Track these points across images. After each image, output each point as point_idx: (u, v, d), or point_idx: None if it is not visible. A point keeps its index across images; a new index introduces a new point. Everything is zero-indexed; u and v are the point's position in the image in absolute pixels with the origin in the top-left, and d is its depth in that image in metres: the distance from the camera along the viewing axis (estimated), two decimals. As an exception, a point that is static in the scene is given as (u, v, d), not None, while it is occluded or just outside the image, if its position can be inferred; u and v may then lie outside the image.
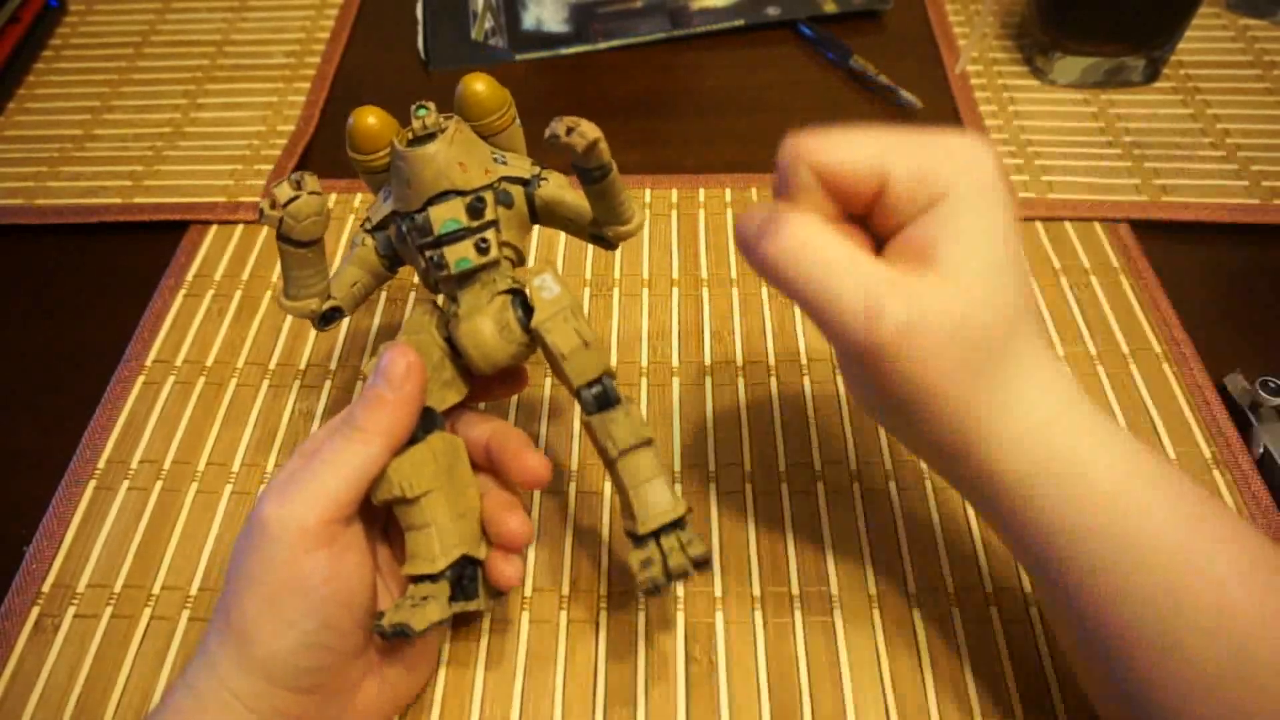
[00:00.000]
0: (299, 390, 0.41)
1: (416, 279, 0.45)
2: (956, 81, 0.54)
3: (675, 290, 0.44)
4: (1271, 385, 0.38)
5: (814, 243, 0.25)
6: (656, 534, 0.28)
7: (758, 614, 0.34)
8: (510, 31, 0.59)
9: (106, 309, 0.44)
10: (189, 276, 0.46)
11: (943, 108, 0.53)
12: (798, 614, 0.33)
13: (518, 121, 0.32)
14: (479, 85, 0.31)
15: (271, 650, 0.26)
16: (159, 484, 0.38)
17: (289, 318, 0.44)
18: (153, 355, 0.42)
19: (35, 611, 0.34)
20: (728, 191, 0.49)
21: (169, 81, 0.56)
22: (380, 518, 0.32)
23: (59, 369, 0.42)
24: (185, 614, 0.34)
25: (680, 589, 0.34)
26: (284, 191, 0.29)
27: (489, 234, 0.30)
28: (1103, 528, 0.24)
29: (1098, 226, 0.46)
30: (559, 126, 0.28)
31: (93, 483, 0.38)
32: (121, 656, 0.33)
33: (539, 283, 0.30)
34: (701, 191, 0.49)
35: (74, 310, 0.45)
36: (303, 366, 0.42)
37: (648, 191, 0.49)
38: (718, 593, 0.34)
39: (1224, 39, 0.56)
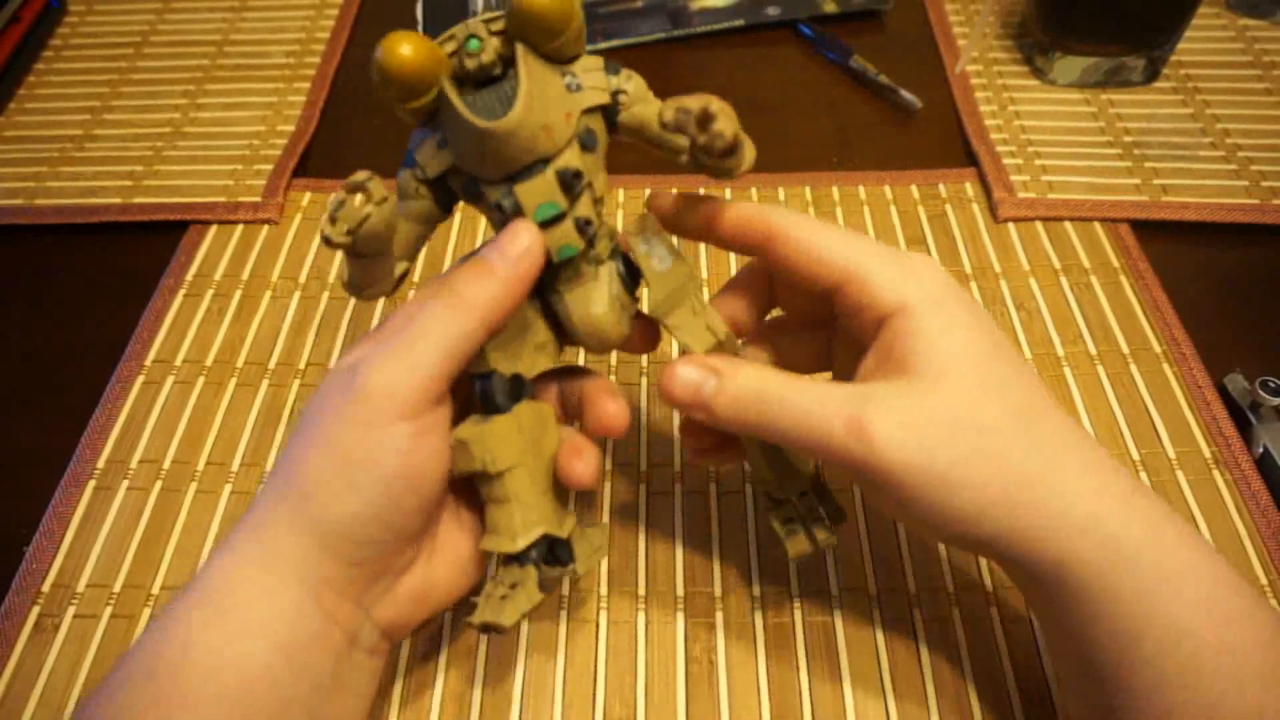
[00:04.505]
0: (299, 390, 0.41)
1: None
2: (956, 81, 0.54)
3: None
4: (1271, 385, 0.38)
5: (770, 385, 0.25)
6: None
7: (758, 614, 0.34)
8: (510, 31, 0.59)
9: (106, 309, 0.44)
10: (188, 276, 0.46)
11: (943, 108, 0.53)
12: (798, 614, 0.33)
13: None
14: None
15: (330, 512, 0.25)
16: (159, 484, 0.38)
17: (288, 317, 0.44)
18: (152, 355, 0.42)
19: (35, 611, 0.34)
20: (728, 191, 0.48)
21: (169, 81, 0.56)
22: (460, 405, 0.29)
23: (59, 369, 0.42)
24: (185, 614, 0.34)
25: (680, 589, 0.34)
26: (354, 211, 0.23)
27: (587, 208, 0.25)
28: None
29: (1098, 226, 0.46)
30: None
31: (92, 483, 0.38)
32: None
33: (646, 249, 0.25)
34: (701, 191, 0.48)
35: (74, 310, 0.45)
36: (303, 366, 0.42)
37: (646, 191, 0.49)
38: (718, 593, 0.34)
39: (1224, 39, 0.56)
